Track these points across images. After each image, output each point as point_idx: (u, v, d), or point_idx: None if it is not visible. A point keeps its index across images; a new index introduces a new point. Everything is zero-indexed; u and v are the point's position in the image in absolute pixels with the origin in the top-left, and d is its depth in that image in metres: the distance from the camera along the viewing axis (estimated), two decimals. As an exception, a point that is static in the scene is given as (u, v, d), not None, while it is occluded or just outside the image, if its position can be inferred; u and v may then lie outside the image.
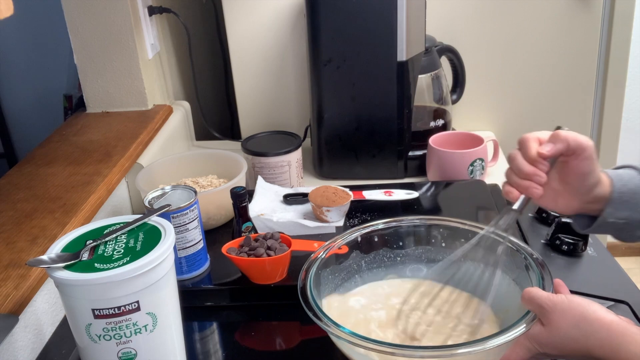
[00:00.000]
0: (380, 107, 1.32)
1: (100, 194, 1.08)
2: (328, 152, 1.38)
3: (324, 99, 1.33)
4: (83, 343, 0.71)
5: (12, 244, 0.93)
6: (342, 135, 1.35)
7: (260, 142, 1.32)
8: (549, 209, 1.01)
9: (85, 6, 1.33)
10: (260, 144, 1.31)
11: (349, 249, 0.89)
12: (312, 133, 1.41)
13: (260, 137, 1.35)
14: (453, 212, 1.01)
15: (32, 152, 1.24)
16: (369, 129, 1.33)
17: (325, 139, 1.37)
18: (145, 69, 1.40)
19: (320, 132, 1.37)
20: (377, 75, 1.28)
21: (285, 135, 1.34)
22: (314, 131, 1.39)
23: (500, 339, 0.68)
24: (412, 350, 0.69)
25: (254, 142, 1.32)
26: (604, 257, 1.00)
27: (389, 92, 1.30)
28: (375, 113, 1.33)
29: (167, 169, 1.22)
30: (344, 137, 1.36)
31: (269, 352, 0.90)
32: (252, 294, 0.95)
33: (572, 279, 0.94)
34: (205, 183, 1.19)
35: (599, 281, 0.95)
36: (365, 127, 1.34)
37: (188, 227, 0.93)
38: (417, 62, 1.32)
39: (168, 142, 1.41)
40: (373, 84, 1.29)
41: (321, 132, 1.37)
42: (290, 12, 1.47)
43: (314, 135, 1.40)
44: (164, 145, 1.38)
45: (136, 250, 0.71)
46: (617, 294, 0.91)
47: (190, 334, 0.90)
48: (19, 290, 0.83)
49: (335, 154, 1.38)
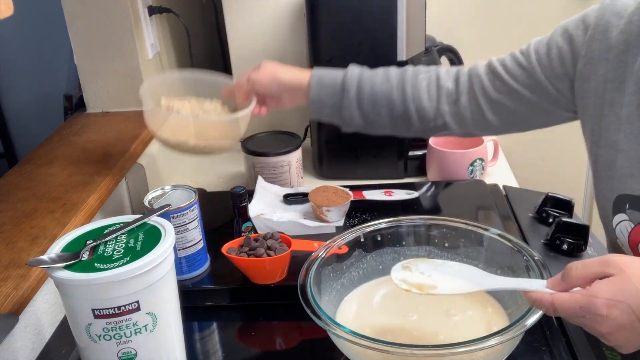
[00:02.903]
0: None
1: (100, 194, 1.08)
2: (328, 152, 1.38)
3: (324, 99, 1.33)
4: (83, 343, 0.71)
5: (12, 244, 0.93)
6: (342, 135, 1.35)
7: (260, 142, 1.32)
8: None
9: (85, 6, 1.33)
10: (260, 144, 1.31)
11: (350, 248, 0.90)
12: (312, 133, 1.41)
13: (260, 137, 1.35)
14: (453, 212, 1.01)
15: (32, 152, 1.24)
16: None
17: (325, 139, 1.37)
18: (145, 69, 1.40)
19: (320, 132, 1.37)
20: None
21: (285, 135, 1.34)
22: (314, 131, 1.39)
23: (500, 336, 0.68)
24: (412, 349, 0.69)
25: (254, 142, 1.32)
26: (604, 257, 0.99)
27: (389, 92, 1.29)
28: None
29: (172, 86, 1.13)
30: (344, 137, 1.35)
31: (269, 352, 0.90)
32: (252, 294, 0.95)
33: (572, 279, 0.94)
34: (210, 108, 1.11)
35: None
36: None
37: (188, 227, 0.93)
38: (417, 62, 1.32)
39: (168, 142, 1.41)
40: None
41: (321, 132, 1.37)
42: (290, 12, 1.47)
43: (314, 135, 1.40)
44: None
45: (136, 250, 0.71)
46: (617, 294, 0.90)
47: (190, 334, 0.90)
48: (19, 290, 0.83)
49: (335, 154, 1.38)
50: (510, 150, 1.53)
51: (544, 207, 1.10)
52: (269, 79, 1.05)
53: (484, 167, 1.30)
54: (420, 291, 0.74)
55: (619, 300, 0.63)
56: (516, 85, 0.95)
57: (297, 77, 1.05)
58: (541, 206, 1.10)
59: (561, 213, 1.08)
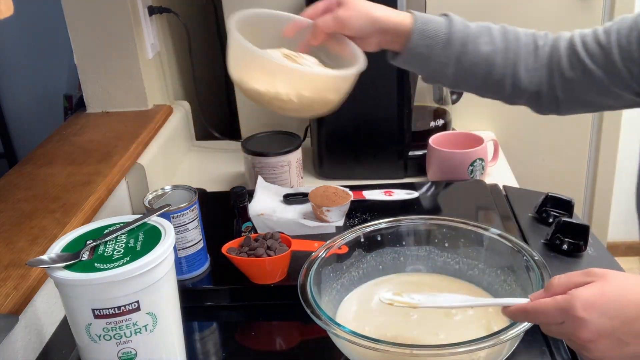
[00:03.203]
0: (380, 107, 1.32)
1: (100, 194, 1.08)
2: (328, 152, 1.38)
3: (324, 99, 1.33)
4: (83, 343, 0.71)
5: (12, 244, 0.93)
6: (342, 135, 1.35)
7: (260, 142, 1.32)
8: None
9: (85, 6, 1.33)
10: (260, 144, 1.31)
11: (350, 248, 0.90)
12: (312, 133, 1.41)
13: (260, 137, 1.35)
14: (453, 212, 1.01)
15: (32, 152, 1.24)
16: (369, 129, 1.33)
17: (325, 139, 1.37)
18: (145, 69, 1.40)
19: (320, 132, 1.37)
20: (377, 76, 1.28)
21: (285, 135, 1.34)
22: (314, 131, 1.39)
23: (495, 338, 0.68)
24: (411, 349, 0.69)
25: (254, 142, 1.32)
26: (604, 257, 1.00)
27: (389, 92, 1.30)
28: (376, 113, 1.32)
29: (256, 27, 0.94)
30: (344, 137, 1.36)
31: (269, 352, 0.90)
32: (252, 294, 0.95)
33: (572, 279, 0.94)
34: (309, 62, 0.93)
35: (599, 281, 0.95)
36: (365, 127, 1.33)
37: (188, 227, 0.93)
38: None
39: (168, 142, 1.41)
40: (373, 84, 1.29)
41: (321, 132, 1.37)
42: (290, 12, 1.46)
43: (314, 135, 1.40)
44: (164, 145, 1.38)
45: (136, 250, 0.71)
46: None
47: (190, 334, 0.90)
48: (19, 290, 0.83)
49: (335, 154, 1.38)
50: (510, 150, 1.53)
51: (544, 207, 1.09)
52: (363, 19, 0.90)
53: (484, 167, 1.30)
54: (403, 305, 0.74)
55: (599, 302, 0.61)
56: (591, 64, 0.89)
57: (396, 19, 0.91)
58: (541, 206, 1.10)
59: (561, 213, 1.08)
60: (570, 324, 0.62)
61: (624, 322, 0.61)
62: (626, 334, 0.61)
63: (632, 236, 2.67)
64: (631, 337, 0.61)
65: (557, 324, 0.63)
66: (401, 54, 0.93)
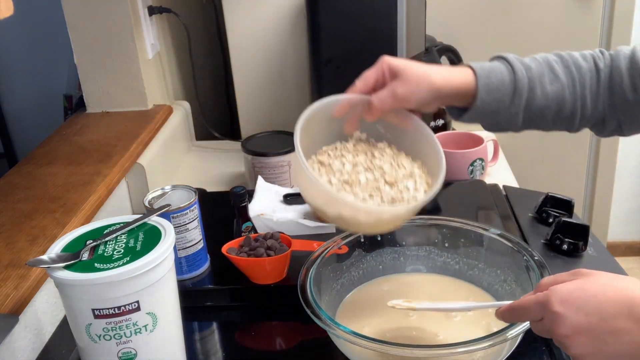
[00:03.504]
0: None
1: (100, 194, 1.08)
2: (328, 152, 1.38)
3: (324, 99, 1.33)
4: (83, 343, 0.71)
5: (12, 244, 0.93)
6: (342, 135, 1.35)
7: (260, 142, 1.32)
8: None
9: (85, 6, 1.33)
10: (260, 144, 1.31)
11: (350, 248, 0.90)
12: (312, 133, 1.41)
13: (260, 137, 1.35)
14: (453, 212, 1.01)
15: (32, 152, 1.24)
16: (369, 129, 1.33)
17: (325, 139, 1.37)
18: (145, 69, 1.40)
19: (320, 132, 1.37)
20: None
21: (285, 135, 1.34)
22: (314, 131, 1.39)
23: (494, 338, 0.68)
24: (411, 349, 0.69)
25: (254, 142, 1.32)
26: (604, 257, 1.00)
27: (389, 92, 1.29)
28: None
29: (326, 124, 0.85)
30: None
31: (269, 352, 0.90)
32: (252, 294, 0.95)
33: (572, 279, 0.94)
34: (404, 187, 0.81)
35: (599, 281, 0.94)
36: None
37: (188, 227, 0.93)
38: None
39: (168, 142, 1.41)
40: (373, 84, 1.29)
41: (321, 132, 1.37)
42: (290, 12, 1.47)
43: (314, 135, 1.40)
44: (164, 145, 1.38)
45: (136, 250, 0.71)
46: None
47: (190, 334, 0.90)
48: (19, 290, 0.83)
49: (335, 154, 1.37)
50: (510, 150, 1.53)
51: (544, 207, 1.10)
52: (424, 92, 0.82)
53: (484, 167, 1.30)
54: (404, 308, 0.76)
55: (575, 297, 0.59)
56: None
57: (458, 81, 0.84)
58: (541, 206, 1.10)
59: (561, 213, 1.08)
60: (548, 318, 0.60)
61: (602, 319, 0.58)
62: (604, 332, 0.58)
63: (632, 236, 2.67)
64: (609, 336, 0.58)
65: (537, 320, 0.62)
66: (467, 113, 0.86)
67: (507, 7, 1.51)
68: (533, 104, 0.85)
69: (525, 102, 0.85)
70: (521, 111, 0.85)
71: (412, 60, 0.83)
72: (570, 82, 0.87)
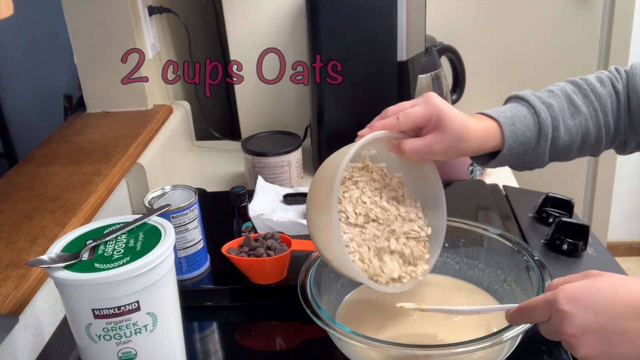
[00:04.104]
0: (381, 107, 1.31)
1: (100, 194, 1.08)
2: (328, 152, 1.38)
3: (324, 99, 1.33)
4: (83, 343, 0.71)
5: (12, 244, 0.93)
6: (342, 135, 1.35)
7: (260, 142, 1.32)
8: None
9: (85, 6, 1.33)
10: (260, 144, 1.31)
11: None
12: (312, 133, 1.41)
13: (260, 137, 1.35)
14: (453, 212, 1.00)
15: (32, 152, 1.24)
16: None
17: (325, 139, 1.37)
18: (146, 69, 1.40)
19: (320, 132, 1.37)
20: (377, 75, 1.28)
21: (285, 135, 1.34)
22: (314, 131, 1.39)
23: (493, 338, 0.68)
24: (412, 349, 0.69)
25: (254, 142, 1.32)
26: (604, 257, 1.00)
27: (389, 92, 1.29)
28: (376, 113, 1.32)
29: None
30: (344, 137, 1.35)
31: (269, 352, 0.90)
32: (252, 294, 0.95)
33: (572, 279, 0.94)
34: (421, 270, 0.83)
35: (599, 281, 0.94)
36: (365, 126, 1.33)
37: (188, 227, 0.93)
38: (417, 62, 1.32)
39: (168, 142, 1.41)
40: (373, 84, 1.29)
41: (321, 132, 1.37)
42: (290, 12, 1.47)
43: (314, 135, 1.40)
44: (164, 145, 1.38)
45: (136, 250, 0.71)
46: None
47: (190, 334, 0.90)
48: (19, 290, 0.83)
49: (335, 154, 1.37)
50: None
51: (544, 207, 1.10)
52: (458, 153, 0.82)
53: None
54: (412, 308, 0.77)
55: (584, 296, 0.57)
56: None
57: (488, 145, 0.83)
58: (541, 206, 1.10)
59: (561, 213, 1.08)
60: (555, 317, 0.59)
61: (611, 319, 0.57)
62: (613, 332, 0.57)
63: (632, 236, 2.67)
64: (619, 337, 0.56)
65: (545, 321, 0.61)
66: (494, 161, 0.85)
67: (507, 7, 1.51)
68: (558, 142, 0.85)
69: (551, 140, 0.85)
70: (547, 150, 0.85)
71: (453, 108, 0.81)
72: (593, 113, 0.86)
